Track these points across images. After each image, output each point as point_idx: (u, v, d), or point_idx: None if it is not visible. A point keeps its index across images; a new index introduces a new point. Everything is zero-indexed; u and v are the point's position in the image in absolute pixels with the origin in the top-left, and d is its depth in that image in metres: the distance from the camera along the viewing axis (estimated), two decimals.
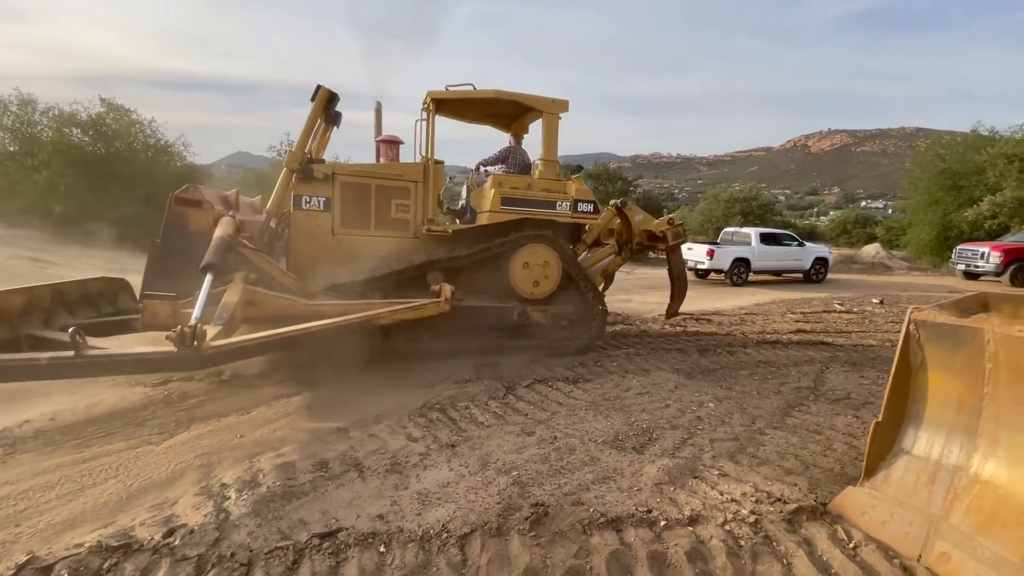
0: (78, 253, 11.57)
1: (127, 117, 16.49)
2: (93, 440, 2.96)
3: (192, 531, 2.05)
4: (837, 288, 13.21)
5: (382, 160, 5.34)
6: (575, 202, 5.27)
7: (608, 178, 24.61)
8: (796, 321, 7.72)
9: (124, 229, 13.64)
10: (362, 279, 4.50)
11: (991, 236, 16.18)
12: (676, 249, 5.95)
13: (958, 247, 16.14)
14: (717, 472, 2.70)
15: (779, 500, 2.41)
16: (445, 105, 5.24)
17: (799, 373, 4.72)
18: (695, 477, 2.64)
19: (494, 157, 5.74)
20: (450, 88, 5.08)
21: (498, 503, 2.30)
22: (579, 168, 5.80)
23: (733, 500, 2.42)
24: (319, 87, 4.61)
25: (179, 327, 2.79)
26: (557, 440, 3.05)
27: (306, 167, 4.52)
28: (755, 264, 13.82)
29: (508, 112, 5.78)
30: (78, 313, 3.88)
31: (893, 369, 2.28)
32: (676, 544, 2.05)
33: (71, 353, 2.67)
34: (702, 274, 14.18)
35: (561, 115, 5.25)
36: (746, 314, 8.32)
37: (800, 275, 14.80)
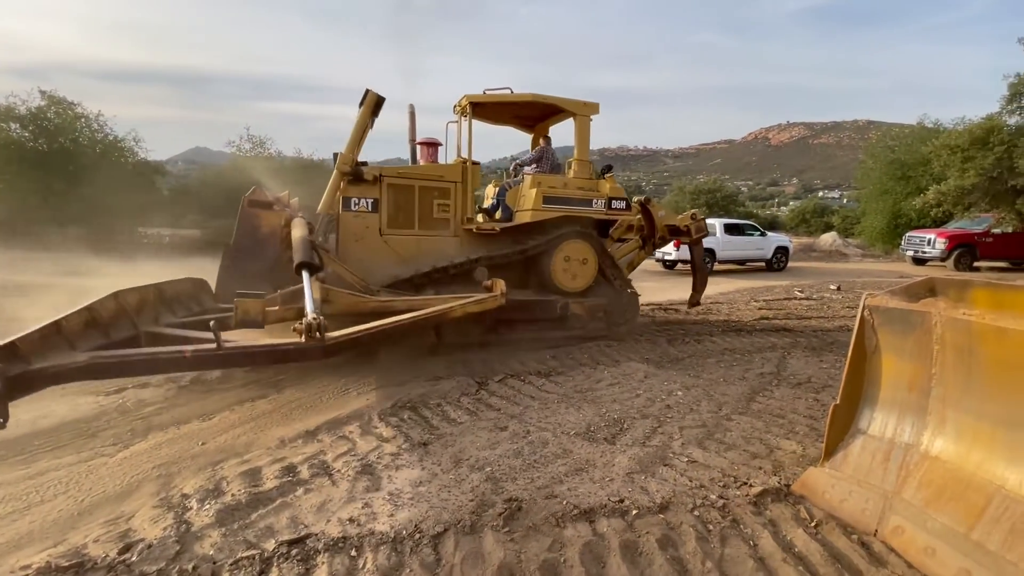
0: (21, 257, 10.89)
1: (71, 111, 15.62)
2: (41, 454, 2.80)
3: (150, 546, 1.96)
4: (797, 276, 13.70)
5: (421, 162, 5.51)
6: (609, 199, 5.56)
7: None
8: (759, 309, 7.97)
9: (71, 230, 12.92)
10: (413, 276, 4.72)
11: (937, 223, 17.11)
12: (699, 242, 6.48)
13: (907, 234, 17.00)
14: (686, 459, 2.75)
15: (745, 484, 2.48)
16: (479, 108, 5.40)
17: (763, 359, 4.87)
18: (665, 465, 2.69)
19: (530, 158, 5.95)
20: (488, 92, 5.30)
21: (471, 500, 2.29)
22: (609, 168, 6.11)
23: (702, 486, 2.47)
24: (367, 91, 4.68)
25: (303, 321, 2.95)
26: (530, 434, 3.05)
27: (356, 169, 4.64)
28: (720, 254, 14.18)
29: (536, 114, 6.07)
30: (176, 311, 3.99)
31: (849, 353, 2.37)
32: (648, 532, 2.09)
33: (213, 345, 2.81)
34: (669, 265, 14.47)
35: (592, 117, 5.57)
36: (712, 303, 8.54)
37: (763, 264, 15.28)
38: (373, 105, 4.70)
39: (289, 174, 16.55)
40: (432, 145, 5.62)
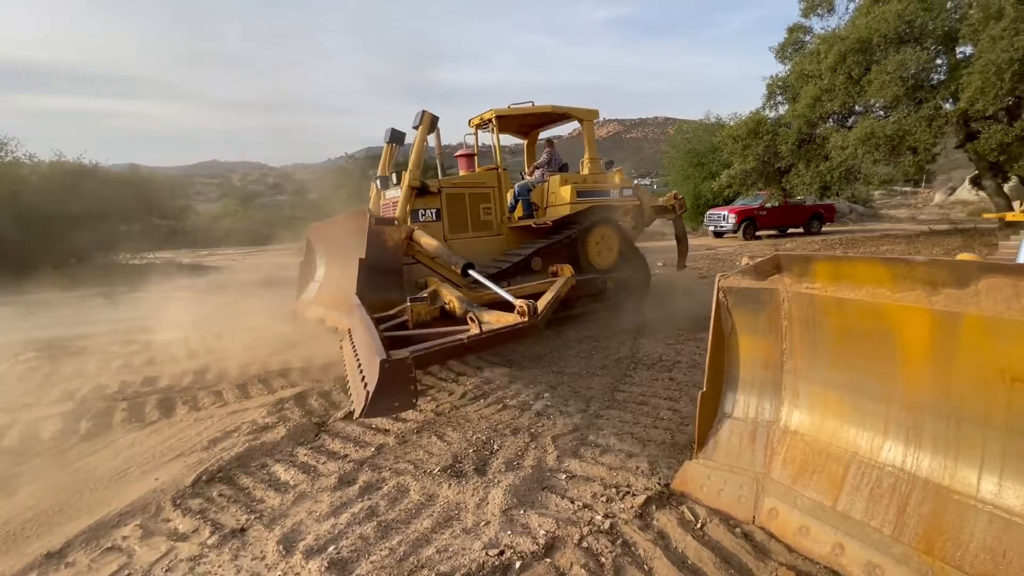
0: None
1: None
2: None
3: None
4: None
5: (461, 172, 6.13)
6: (621, 189, 6.53)
7: (424, 169, 24.09)
8: None
9: None
10: (500, 271, 5.14)
11: (727, 202, 20.38)
12: (680, 217, 7.69)
13: (708, 212, 19.95)
14: (565, 475, 2.49)
15: (628, 493, 2.29)
16: (501, 120, 6.06)
17: (617, 343, 4.97)
18: (544, 488, 2.38)
19: (543, 161, 6.67)
20: (512, 107, 6.04)
21: None
22: (611, 163, 6.97)
23: (585, 506, 2.22)
24: (424, 112, 4.98)
25: (522, 306, 3.33)
26: (386, 483, 2.51)
27: (423, 183, 5.07)
28: None
29: (537, 122, 6.92)
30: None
31: (710, 338, 2.31)
32: None
33: (478, 331, 3.20)
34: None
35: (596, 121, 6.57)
36: None
37: None
38: (429, 124, 5.02)
39: (44, 182, 12.98)
40: (471, 156, 6.27)
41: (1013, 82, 8.69)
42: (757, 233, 18.42)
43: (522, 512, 2.19)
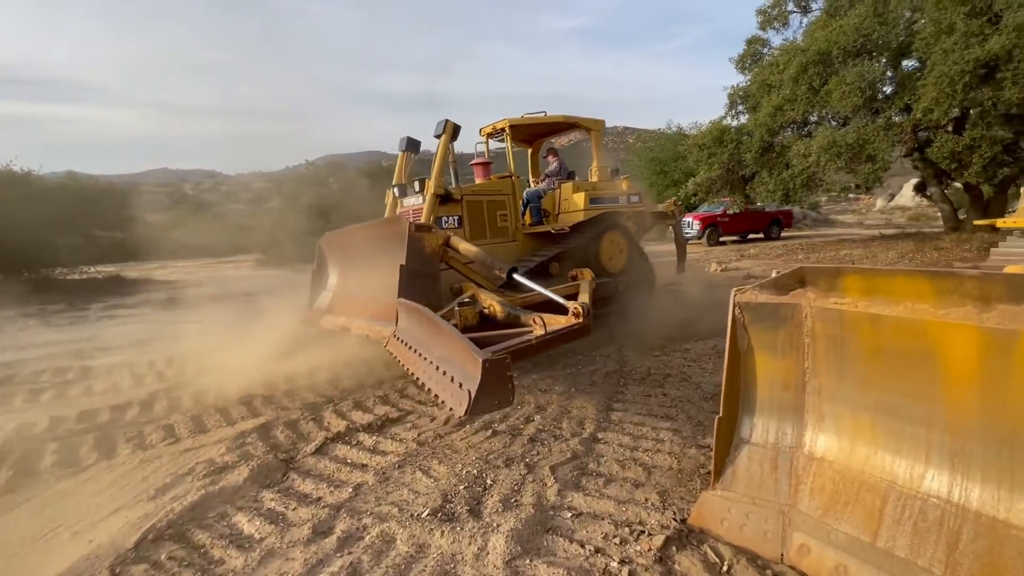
0: None
1: None
2: None
3: None
4: None
5: (478, 180, 6.16)
6: (629, 196, 6.67)
7: (383, 175, 23.53)
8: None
9: None
10: (525, 272, 4.88)
11: (691, 208, 20.80)
12: (679, 223, 8.02)
13: None
14: (570, 514, 2.25)
15: (642, 532, 2.07)
16: (514, 130, 6.24)
17: (603, 357, 4.78)
18: (549, 531, 2.13)
19: (554, 170, 6.77)
20: (525, 116, 6.24)
21: None
22: (617, 170, 7.12)
23: (598, 550, 1.98)
24: (446, 121, 4.99)
25: (577, 307, 3.41)
26: (367, 530, 2.20)
27: (446, 190, 5.13)
28: None
29: (544, 131, 7.11)
30: None
31: (726, 358, 2.13)
32: None
33: (543, 332, 3.25)
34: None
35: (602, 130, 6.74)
36: None
37: None
38: (452, 132, 5.04)
39: None
40: (487, 165, 6.36)
41: (964, 93, 9.17)
42: (720, 239, 18.84)
43: (528, 562, 1.93)
